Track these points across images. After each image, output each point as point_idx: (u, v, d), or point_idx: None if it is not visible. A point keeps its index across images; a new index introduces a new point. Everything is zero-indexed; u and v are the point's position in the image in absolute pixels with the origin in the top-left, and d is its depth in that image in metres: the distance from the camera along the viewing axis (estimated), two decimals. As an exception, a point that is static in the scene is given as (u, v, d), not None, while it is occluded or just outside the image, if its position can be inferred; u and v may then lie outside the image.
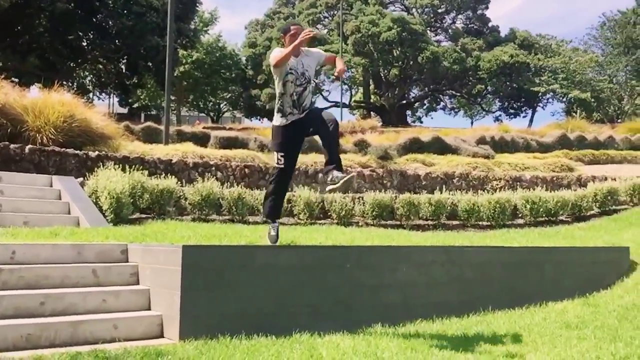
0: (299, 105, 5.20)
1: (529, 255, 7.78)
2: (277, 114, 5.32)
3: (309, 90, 5.25)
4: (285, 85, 5.16)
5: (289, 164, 5.46)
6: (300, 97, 5.19)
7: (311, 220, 10.09)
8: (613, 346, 4.89)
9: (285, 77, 5.12)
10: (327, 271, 5.76)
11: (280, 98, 5.23)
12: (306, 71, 5.20)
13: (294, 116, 5.23)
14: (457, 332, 5.50)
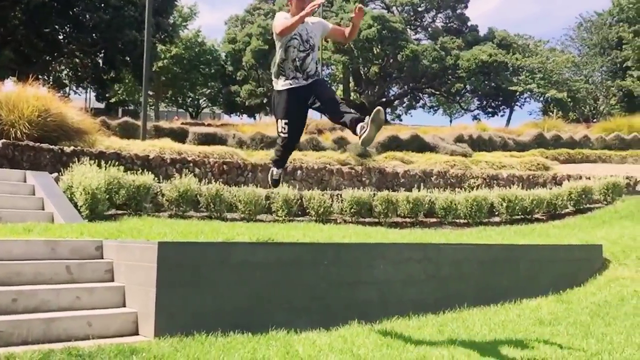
0: (302, 70, 4.81)
1: (505, 253, 7.87)
2: (278, 78, 4.89)
3: (312, 58, 4.86)
4: (288, 51, 4.78)
5: (293, 134, 4.95)
6: (304, 62, 4.80)
7: (289, 217, 10.08)
8: (585, 342, 4.98)
9: (288, 42, 4.77)
10: (304, 268, 5.77)
11: (281, 64, 4.83)
12: (311, 38, 4.84)
13: (298, 81, 4.81)
14: (433, 328, 5.55)
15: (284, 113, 4.87)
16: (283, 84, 4.85)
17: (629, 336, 5.19)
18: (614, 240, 9.55)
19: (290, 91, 4.81)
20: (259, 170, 12.21)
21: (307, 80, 4.81)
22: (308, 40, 4.83)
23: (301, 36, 4.79)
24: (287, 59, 4.78)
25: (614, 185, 12.66)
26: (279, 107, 4.90)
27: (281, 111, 4.87)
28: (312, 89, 4.81)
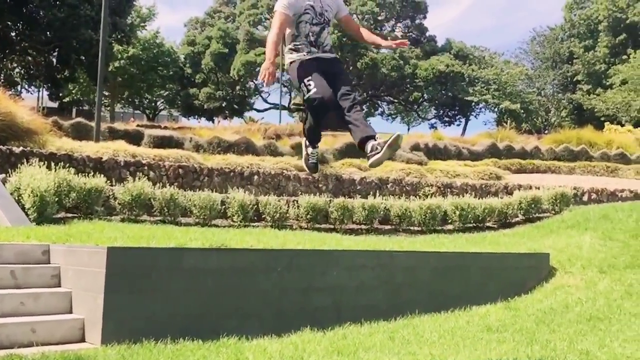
0: (317, 45, 4.32)
1: (457, 260, 8.02)
2: (291, 54, 4.36)
3: (328, 32, 4.42)
4: (299, 26, 4.28)
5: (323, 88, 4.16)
6: (319, 37, 4.32)
7: (245, 222, 10.02)
8: (530, 349, 5.11)
9: (299, 17, 4.27)
10: (257, 274, 5.76)
11: (294, 40, 4.33)
12: (325, 11, 4.38)
13: (313, 55, 4.30)
14: (384, 335, 5.61)
15: (305, 73, 4.22)
16: (298, 55, 4.31)
17: (571, 343, 5.35)
18: (560, 249, 9.83)
19: (307, 60, 4.27)
20: (215, 174, 12.11)
21: (325, 54, 4.35)
22: (322, 14, 4.37)
23: (314, 8, 4.31)
24: (300, 34, 4.29)
25: (562, 196, 13.06)
26: (298, 73, 4.28)
27: (302, 74, 4.23)
28: (330, 66, 4.32)
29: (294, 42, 4.33)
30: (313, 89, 4.14)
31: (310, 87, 4.16)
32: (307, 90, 4.17)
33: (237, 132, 20.25)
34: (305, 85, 4.20)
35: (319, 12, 4.34)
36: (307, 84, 4.19)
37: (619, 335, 5.72)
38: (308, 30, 4.29)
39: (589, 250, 9.79)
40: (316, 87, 4.14)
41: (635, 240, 9.67)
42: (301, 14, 4.26)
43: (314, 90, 4.14)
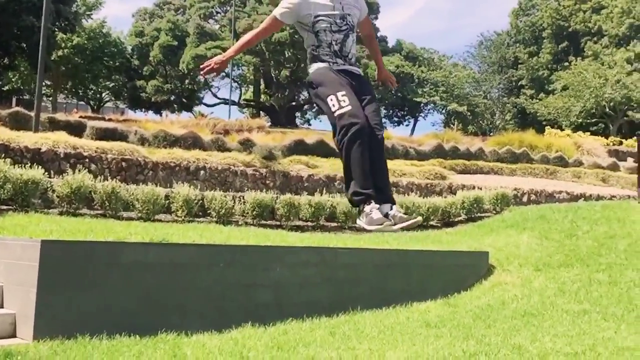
0: (342, 55, 3.68)
1: (399, 258, 8.15)
2: (314, 63, 3.72)
3: (353, 40, 3.77)
4: (319, 35, 3.66)
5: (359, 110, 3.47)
6: (344, 45, 3.68)
7: (189, 217, 9.89)
8: (465, 343, 5.24)
9: (314, 25, 3.65)
10: (199, 270, 5.69)
11: (314, 50, 3.71)
12: (349, 15, 3.72)
13: (340, 66, 3.67)
14: (325, 330, 5.64)
15: (333, 86, 3.54)
16: (321, 65, 3.69)
17: (506, 338, 5.52)
18: (499, 248, 10.13)
19: (335, 70, 3.65)
20: (160, 168, 11.90)
21: (352, 66, 3.74)
22: (345, 17, 3.72)
23: (333, 15, 3.67)
24: (321, 44, 3.68)
25: (502, 196, 13.45)
26: (324, 84, 3.59)
27: (328, 86, 3.55)
28: (360, 86, 3.67)
29: (315, 53, 3.69)
30: (347, 107, 3.40)
31: (345, 103, 3.42)
32: (339, 105, 3.41)
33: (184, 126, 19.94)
34: (338, 100, 3.43)
35: (340, 16, 3.70)
36: (340, 98, 3.43)
37: (550, 330, 5.95)
38: (330, 38, 3.66)
39: (526, 249, 10.13)
40: (351, 106, 3.41)
41: (570, 240, 10.06)
42: (313, 22, 3.63)
43: (348, 109, 3.40)
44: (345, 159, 3.42)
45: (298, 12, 3.65)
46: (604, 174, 20.05)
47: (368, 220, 3.34)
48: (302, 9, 3.64)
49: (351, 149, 3.37)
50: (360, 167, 3.37)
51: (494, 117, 53.49)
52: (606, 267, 8.61)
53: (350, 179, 3.44)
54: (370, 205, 3.36)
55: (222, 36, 45.04)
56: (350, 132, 3.36)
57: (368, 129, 3.40)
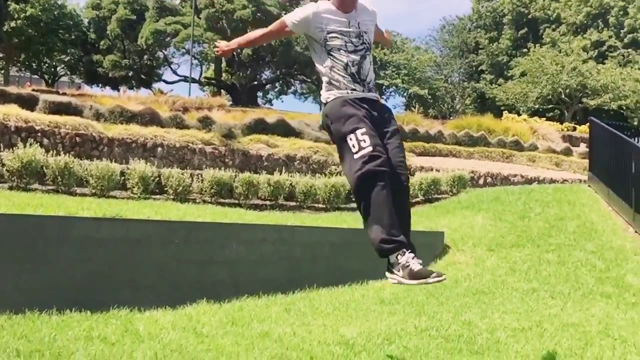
0: (360, 80, 3.32)
1: (356, 237, 8.19)
2: (328, 90, 3.36)
3: (370, 62, 3.43)
4: (333, 55, 3.31)
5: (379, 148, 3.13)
6: (361, 68, 3.33)
7: (146, 195, 9.74)
8: (418, 320, 5.35)
9: (325, 43, 3.31)
10: (153, 246, 5.63)
11: (329, 73, 3.34)
12: (365, 33, 3.40)
13: (357, 93, 3.31)
14: (281, 307, 5.67)
15: (352, 121, 3.18)
16: (338, 94, 3.32)
17: (457, 314, 5.66)
18: (455, 228, 10.33)
19: (351, 99, 3.29)
20: (116, 144, 11.66)
21: (371, 92, 3.37)
22: (361, 36, 3.38)
23: (347, 32, 3.33)
24: (336, 66, 3.32)
25: (459, 178, 13.68)
26: (342, 120, 3.21)
27: (346, 120, 3.19)
28: (381, 116, 3.33)
29: (330, 76, 3.32)
30: (368, 147, 3.06)
31: (365, 143, 3.08)
32: (359, 146, 3.08)
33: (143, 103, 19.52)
34: (357, 140, 3.09)
35: (356, 34, 3.35)
36: (360, 138, 3.09)
37: (500, 307, 6.12)
38: (346, 59, 3.31)
39: (480, 229, 10.36)
40: (372, 146, 3.07)
41: (522, 222, 10.32)
42: (325, 37, 3.31)
43: (368, 150, 3.06)
44: (365, 203, 3.11)
45: (309, 25, 3.34)
46: (557, 159, 20.58)
47: (408, 274, 3.02)
48: (314, 21, 3.32)
49: (372, 192, 3.06)
50: (387, 212, 3.07)
51: (454, 101, 54.17)
52: (555, 248, 8.88)
53: (373, 224, 3.12)
54: (405, 255, 3.08)
55: (182, 12, 44.11)
56: (372, 176, 3.05)
57: (391, 171, 3.11)
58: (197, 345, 3.92)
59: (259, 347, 4.00)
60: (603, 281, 7.53)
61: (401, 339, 4.55)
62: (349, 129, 3.14)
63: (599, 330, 5.17)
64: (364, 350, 4.12)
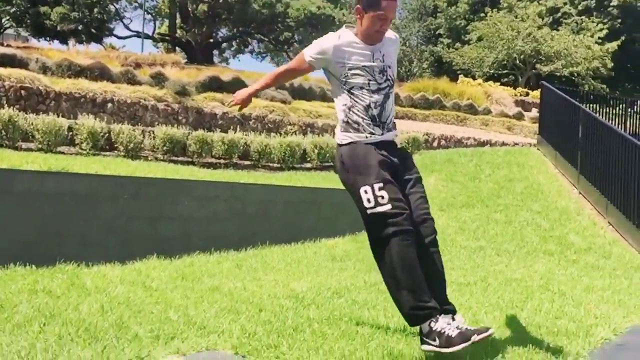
0: (381, 122, 3.01)
1: (309, 196, 8.24)
2: (345, 132, 3.05)
3: (393, 99, 3.11)
4: (353, 93, 2.99)
5: (399, 204, 2.81)
6: (384, 109, 3.02)
7: (95, 151, 9.50)
8: (368, 275, 5.44)
9: (346, 80, 2.99)
10: (102, 201, 5.52)
11: (348, 113, 3.02)
12: (389, 67, 3.05)
13: (376, 137, 3.01)
14: (232, 263, 5.67)
15: (370, 172, 2.87)
16: (355, 137, 3.02)
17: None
18: (408, 189, 10.48)
19: (369, 145, 2.99)
20: (63, 99, 11.26)
21: (390, 132, 3.06)
22: (385, 71, 3.03)
23: (372, 68, 2.99)
24: (355, 105, 2.99)
25: (414, 140, 13.84)
26: (358, 169, 2.92)
27: (363, 170, 2.89)
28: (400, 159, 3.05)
29: (349, 116, 3.00)
30: (386, 205, 2.76)
31: (383, 200, 2.77)
32: (375, 202, 2.78)
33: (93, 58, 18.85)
34: (374, 194, 2.79)
35: (380, 69, 3.01)
36: (377, 193, 2.79)
37: (448, 264, 6.22)
38: (368, 99, 2.98)
39: (433, 190, 10.54)
40: (391, 203, 2.77)
41: (472, 183, 10.55)
42: (346, 74, 2.98)
43: (387, 208, 2.76)
44: (388, 267, 2.82)
45: (329, 60, 3.00)
46: (509, 123, 21.01)
47: (445, 342, 2.70)
48: (334, 56, 2.98)
49: (396, 253, 2.76)
50: (415, 276, 2.77)
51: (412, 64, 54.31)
52: (503, 208, 9.14)
53: (400, 289, 2.81)
54: (438, 321, 2.76)
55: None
56: (392, 236, 2.74)
57: (414, 226, 2.80)
58: (145, 298, 3.89)
59: (208, 300, 4.00)
60: (547, 240, 7.81)
61: (350, 292, 4.63)
62: (366, 181, 2.83)
63: (540, 284, 5.38)
64: (313, 303, 4.17)
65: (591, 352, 3.49)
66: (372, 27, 2.98)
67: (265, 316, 3.68)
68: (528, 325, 3.81)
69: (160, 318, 3.45)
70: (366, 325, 3.65)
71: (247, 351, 3.04)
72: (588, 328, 3.84)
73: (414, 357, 3.01)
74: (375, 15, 2.94)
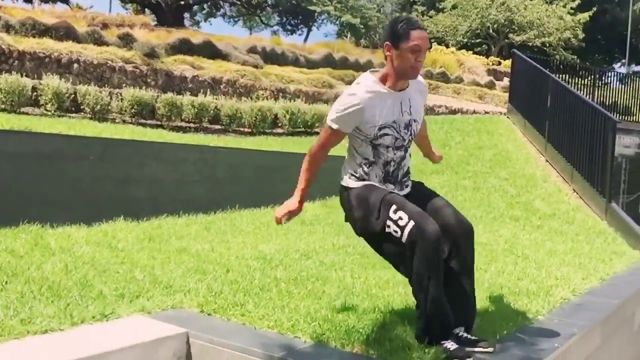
0: (395, 178, 2.86)
1: (280, 160, 8.20)
2: (355, 180, 2.87)
3: (410, 154, 2.92)
4: (377, 150, 2.79)
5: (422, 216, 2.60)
6: (400, 167, 2.85)
7: (60, 112, 9.26)
8: (336, 238, 5.49)
9: (374, 139, 2.76)
10: (67, 162, 5.41)
11: (364, 167, 2.83)
12: (414, 122, 2.84)
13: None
14: (201, 226, 5.64)
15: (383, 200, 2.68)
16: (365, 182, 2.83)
17: (374, 234, 5.82)
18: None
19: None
20: (27, 59, 10.92)
21: (402, 190, 2.88)
22: (410, 125, 2.82)
23: (398, 123, 2.77)
24: (377, 161, 2.80)
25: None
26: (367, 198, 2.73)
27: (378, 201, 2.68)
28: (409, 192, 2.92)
29: (365, 170, 2.81)
30: (409, 224, 2.54)
31: (402, 222, 2.56)
32: (398, 227, 2.56)
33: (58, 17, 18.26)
34: (393, 221, 2.58)
35: (405, 124, 2.79)
36: (394, 219, 2.58)
37: (415, 228, 6.34)
38: (391, 156, 2.80)
39: (403, 156, 10.61)
40: (413, 219, 2.55)
41: (443, 150, 10.61)
42: (376, 134, 2.73)
43: (411, 225, 2.54)
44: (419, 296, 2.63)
45: (359, 122, 2.72)
46: (481, 92, 21.13)
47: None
48: (365, 118, 2.70)
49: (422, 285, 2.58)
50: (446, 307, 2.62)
51: (386, 31, 53.87)
52: (472, 175, 9.24)
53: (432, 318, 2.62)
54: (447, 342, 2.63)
55: None
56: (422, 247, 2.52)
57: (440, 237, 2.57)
58: (110, 258, 3.86)
59: (175, 261, 3.99)
60: (513, 206, 7.95)
61: (318, 254, 4.66)
62: (382, 218, 2.62)
63: (504, 248, 5.49)
64: (280, 264, 4.19)
65: (550, 311, 3.60)
66: (406, 63, 2.68)
67: (232, 276, 3.70)
68: (491, 286, 3.90)
69: (126, 277, 3.43)
70: (333, 285, 3.69)
71: (212, 309, 3.06)
72: (548, 289, 3.95)
73: (378, 315, 3.06)
74: (407, 48, 2.66)
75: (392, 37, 2.69)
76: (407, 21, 2.70)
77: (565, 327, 3.25)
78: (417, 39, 2.66)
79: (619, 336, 4.28)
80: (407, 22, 2.70)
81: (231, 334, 2.69)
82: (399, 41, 2.67)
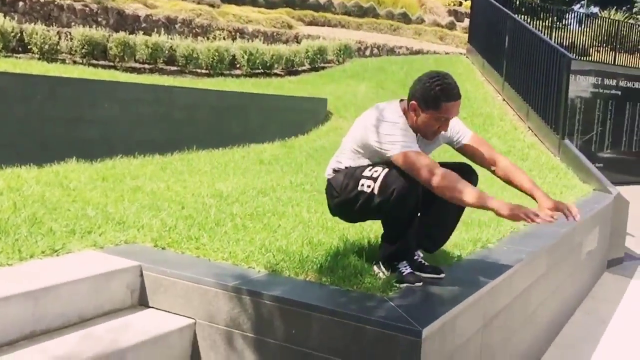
0: None
1: (237, 100, 8.08)
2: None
3: None
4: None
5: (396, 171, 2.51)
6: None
7: (6, 52, 8.85)
8: (295, 177, 5.49)
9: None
10: (12, 102, 5.21)
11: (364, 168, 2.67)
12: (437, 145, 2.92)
13: None
14: (157, 166, 5.55)
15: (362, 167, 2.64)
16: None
17: (332, 172, 5.84)
18: (338, 96, 10.46)
19: None
20: (-33, -4, 10.31)
21: None
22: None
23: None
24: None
25: (345, 47, 13.65)
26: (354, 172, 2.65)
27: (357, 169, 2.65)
28: None
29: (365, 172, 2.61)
30: (384, 171, 2.50)
31: (376, 173, 2.52)
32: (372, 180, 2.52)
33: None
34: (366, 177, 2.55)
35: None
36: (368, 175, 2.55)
37: (374, 166, 6.39)
38: None
39: (363, 97, 10.58)
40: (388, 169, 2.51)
41: (403, 90, 10.57)
42: None
43: (386, 171, 2.50)
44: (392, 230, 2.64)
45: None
46: (442, 32, 21.03)
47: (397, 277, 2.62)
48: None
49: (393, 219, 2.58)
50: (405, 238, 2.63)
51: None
52: (431, 114, 9.29)
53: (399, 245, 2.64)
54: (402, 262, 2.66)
55: None
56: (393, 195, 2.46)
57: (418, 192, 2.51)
58: (62, 197, 3.78)
59: (129, 199, 3.93)
60: (470, 144, 8.05)
61: (275, 192, 4.66)
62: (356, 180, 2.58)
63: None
64: (237, 201, 4.18)
65: (500, 240, 3.71)
66: (429, 128, 2.59)
67: (187, 212, 3.67)
68: (444, 218, 3.98)
69: (77, 215, 3.37)
70: (289, 219, 3.70)
71: (167, 243, 3.04)
72: (499, 220, 4.05)
73: (332, 246, 3.10)
74: (434, 116, 2.54)
75: (422, 99, 2.53)
76: (443, 89, 2.49)
77: (513, 254, 3.36)
78: (448, 113, 2.53)
79: (566, 264, 4.46)
80: (442, 89, 2.49)
81: (185, 266, 2.69)
82: (428, 107, 2.53)
